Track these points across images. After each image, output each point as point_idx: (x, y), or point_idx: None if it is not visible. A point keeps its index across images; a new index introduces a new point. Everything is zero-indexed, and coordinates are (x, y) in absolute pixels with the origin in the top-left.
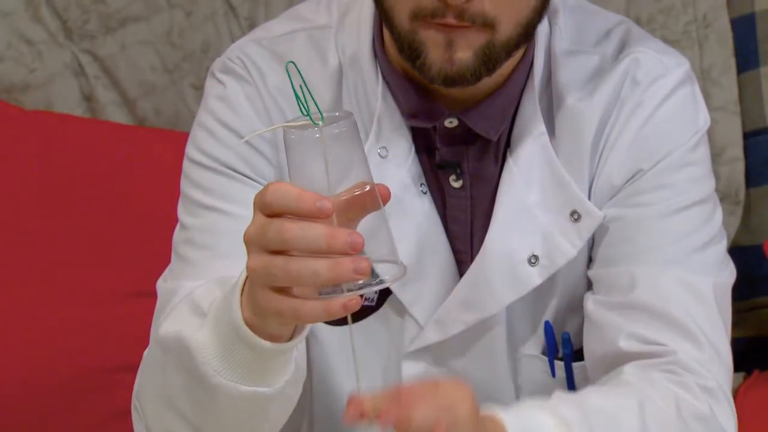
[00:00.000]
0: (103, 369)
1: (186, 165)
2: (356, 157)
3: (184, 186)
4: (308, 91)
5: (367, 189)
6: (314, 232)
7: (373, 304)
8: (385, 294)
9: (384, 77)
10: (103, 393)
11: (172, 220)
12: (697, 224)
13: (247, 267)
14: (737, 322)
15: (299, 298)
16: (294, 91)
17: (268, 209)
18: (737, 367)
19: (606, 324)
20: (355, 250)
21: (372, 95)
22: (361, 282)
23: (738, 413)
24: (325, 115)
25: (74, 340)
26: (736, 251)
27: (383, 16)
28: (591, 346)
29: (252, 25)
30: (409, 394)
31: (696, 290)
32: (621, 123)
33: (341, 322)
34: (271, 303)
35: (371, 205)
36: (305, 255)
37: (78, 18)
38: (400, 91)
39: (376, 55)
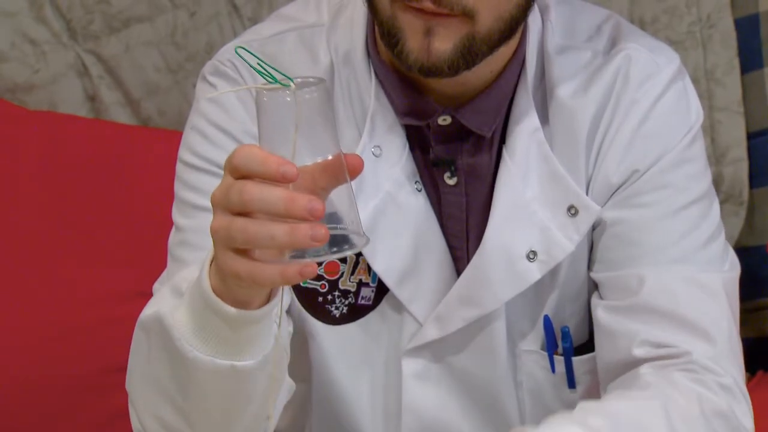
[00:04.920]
0: (103, 369)
1: (179, 168)
2: (327, 124)
3: (178, 189)
4: (267, 64)
5: (331, 159)
6: (274, 194)
7: (371, 303)
8: (382, 292)
9: (377, 76)
10: (103, 393)
11: None
12: (698, 221)
13: (210, 228)
14: (740, 322)
15: (258, 261)
16: (256, 68)
17: (235, 171)
18: None
19: (618, 332)
20: (314, 216)
21: (365, 94)
22: (323, 249)
23: None
24: (298, 80)
25: (74, 341)
26: (739, 252)
27: (368, 4)
28: (603, 354)
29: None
30: None
31: (705, 287)
32: (617, 121)
33: (335, 321)
34: (229, 265)
35: (340, 175)
36: (267, 218)
37: (82, 18)
38: (393, 89)
39: (369, 55)
